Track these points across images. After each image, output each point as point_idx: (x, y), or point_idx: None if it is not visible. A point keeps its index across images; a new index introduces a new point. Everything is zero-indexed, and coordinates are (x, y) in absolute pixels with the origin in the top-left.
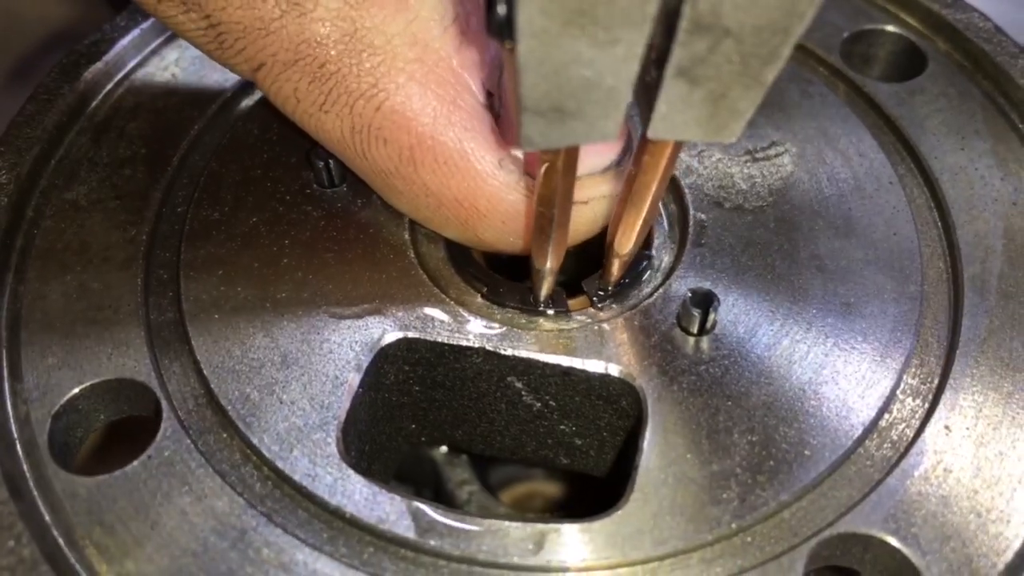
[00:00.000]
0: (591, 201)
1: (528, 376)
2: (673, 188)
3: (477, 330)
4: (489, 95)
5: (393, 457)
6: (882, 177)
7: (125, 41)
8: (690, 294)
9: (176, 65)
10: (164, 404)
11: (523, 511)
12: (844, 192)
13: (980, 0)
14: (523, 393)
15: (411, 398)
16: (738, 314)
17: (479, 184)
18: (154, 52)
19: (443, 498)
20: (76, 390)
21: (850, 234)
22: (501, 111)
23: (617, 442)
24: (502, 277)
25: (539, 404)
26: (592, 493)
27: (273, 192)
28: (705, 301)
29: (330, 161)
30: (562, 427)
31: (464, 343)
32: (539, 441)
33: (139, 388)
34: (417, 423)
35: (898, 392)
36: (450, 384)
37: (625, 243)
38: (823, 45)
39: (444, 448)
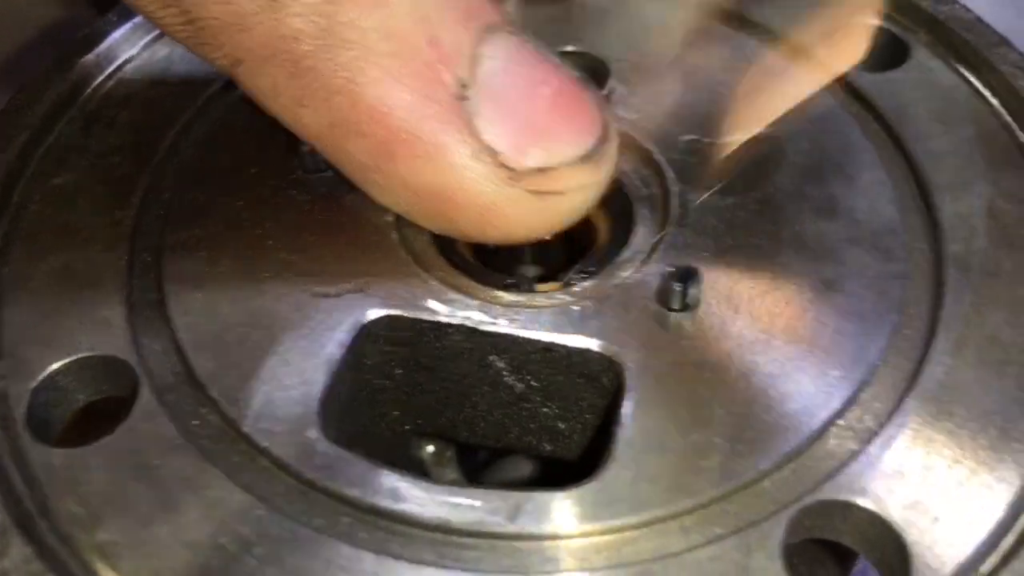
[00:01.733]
0: (568, 192)
1: (509, 354)
2: (654, 169)
3: (459, 308)
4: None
5: (376, 445)
6: (865, 160)
7: (118, 34)
8: (671, 269)
9: (168, 58)
10: (143, 379)
11: None
12: (827, 174)
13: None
14: (504, 373)
15: (393, 382)
16: (719, 292)
17: (455, 176)
18: (146, 46)
19: None
20: (55, 366)
21: (833, 215)
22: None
23: (600, 426)
24: (484, 261)
25: (521, 385)
26: None
27: (259, 178)
28: (686, 276)
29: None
30: (544, 410)
31: (445, 320)
32: (522, 426)
33: (118, 364)
34: (400, 408)
35: (880, 365)
36: (432, 365)
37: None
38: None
39: (431, 448)
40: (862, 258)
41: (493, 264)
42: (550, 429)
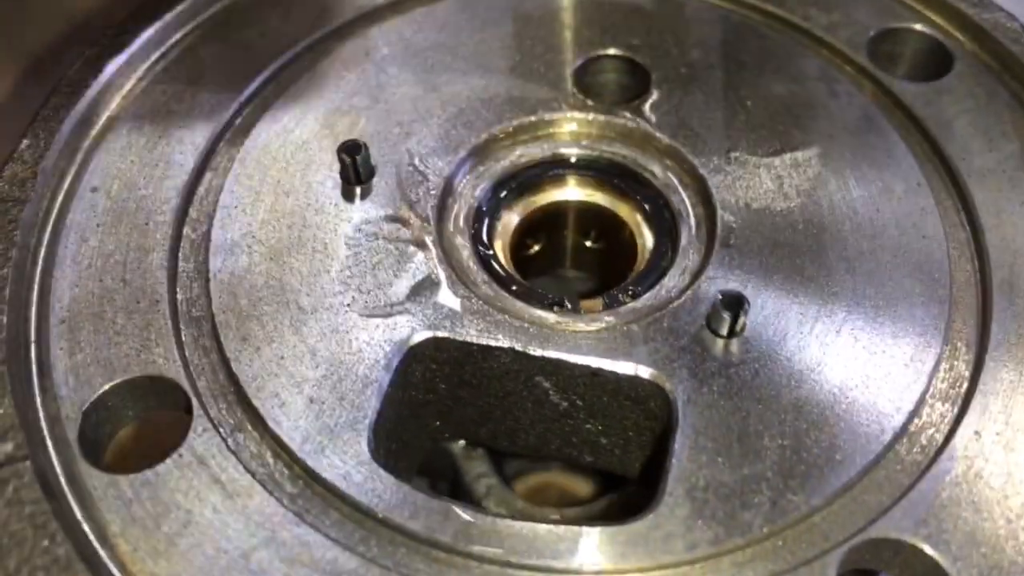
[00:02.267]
0: None
1: (556, 376)
2: (700, 188)
3: (506, 329)
4: None
5: (417, 454)
6: (910, 179)
7: (149, 33)
8: (720, 296)
9: (200, 59)
10: (195, 402)
11: (539, 502)
12: (872, 194)
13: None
14: (550, 392)
15: (437, 395)
16: (767, 316)
17: None
18: (176, 44)
19: (460, 491)
20: (106, 387)
21: (878, 236)
22: None
23: (642, 441)
24: (524, 269)
25: (566, 403)
26: (610, 487)
27: (304, 191)
28: (735, 304)
29: (356, 157)
30: (588, 426)
31: (492, 343)
32: (563, 439)
33: (169, 385)
34: (442, 420)
35: (928, 396)
36: (476, 383)
37: None
38: (850, 44)
39: (461, 442)
40: (908, 282)
41: (533, 269)
42: (592, 443)
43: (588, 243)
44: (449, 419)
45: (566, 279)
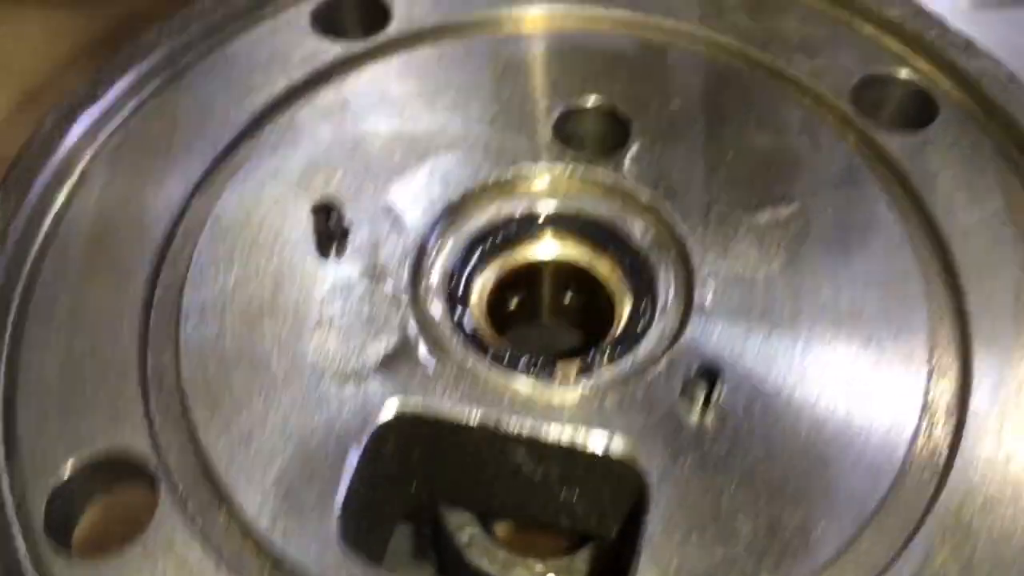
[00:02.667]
0: None
1: (530, 448)
2: (679, 249)
3: (477, 404)
4: None
5: (391, 519)
6: (892, 236)
7: (123, 85)
8: (695, 367)
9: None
10: (162, 480)
11: (523, 546)
12: (853, 254)
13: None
14: (523, 465)
15: (410, 466)
16: (745, 384)
17: None
18: (152, 95)
19: (443, 539)
20: (72, 465)
21: (859, 300)
22: None
23: (618, 511)
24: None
25: (540, 474)
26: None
27: (278, 251)
28: (710, 375)
29: (330, 218)
30: (563, 496)
31: (463, 419)
32: (540, 506)
33: (137, 463)
34: (417, 487)
35: (908, 468)
36: (450, 454)
37: None
38: (834, 90)
39: None
40: (889, 348)
41: (513, 322)
42: (569, 510)
43: (566, 300)
44: (424, 487)
45: (547, 327)
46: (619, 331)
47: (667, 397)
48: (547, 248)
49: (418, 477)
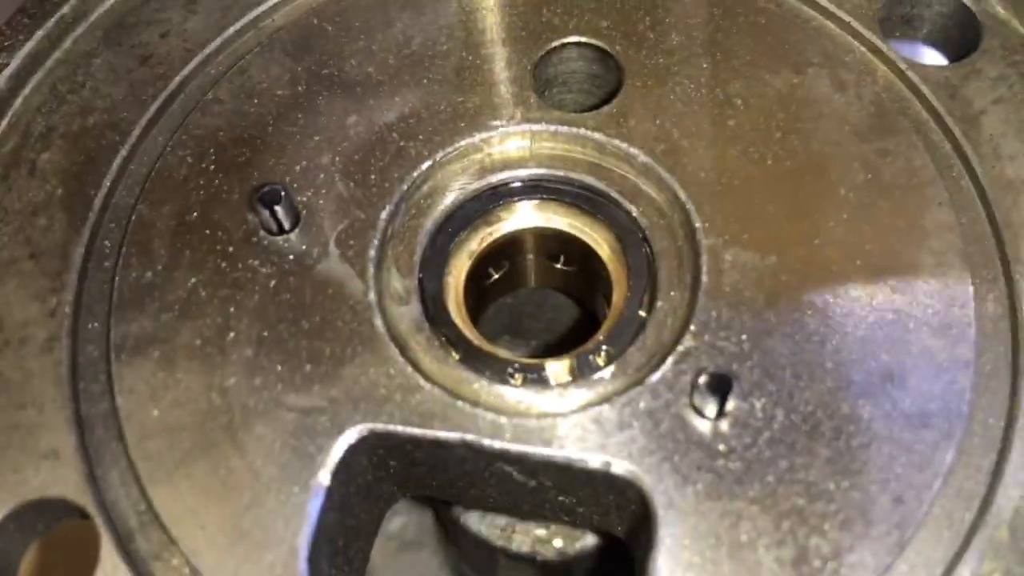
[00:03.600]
0: None
1: (519, 464)
2: (683, 219)
3: (458, 418)
4: None
5: (371, 524)
6: (930, 196)
7: (29, 46)
8: (705, 377)
9: (92, 73)
10: (102, 528)
11: None
12: (887, 220)
13: None
14: (515, 475)
15: (388, 472)
16: (761, 389)
17: None
18: (62, 59)
19: (441, 507)
20: (2, 514)
21: (893, 282)
22: None
23: (624, 513)
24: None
25: (534, 483)
26: None
27: (213, 242)
28: (722, 384)
29: (276, 207)
30: (561, 498)
31: (442, 436)
32: (536, 506)
33: (73, 507)
34: (399, 486)
35: (945, 491)
36: (432, 464)
37: None
38: (858, 14)
39: None
40: (926, 341)
41: (494, 295)
42: (568, 509)
43: (554, 273)
44: (406, 486)
45: (535, 293)
46: (615, 319)
47: (673, 405)
48: (529, 219)
49: (397, 484)
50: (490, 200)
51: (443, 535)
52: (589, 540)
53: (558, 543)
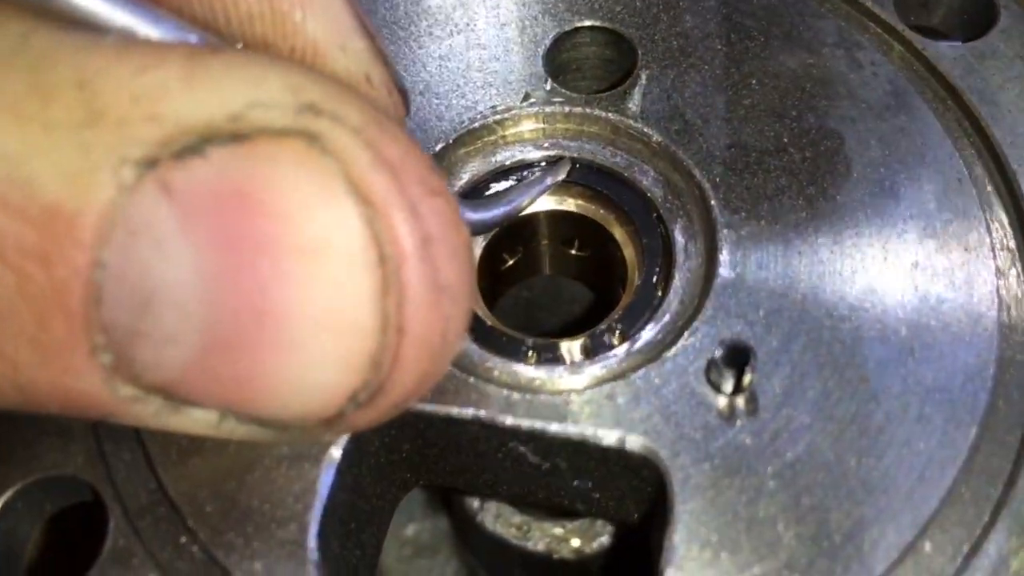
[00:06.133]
0: None
1: (534, 443)
2: (699, 198)
3: (472, 395)
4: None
5: (384, 510)
6: (948, 173)
7: None
8: (720, 350)
9: None
10: (111, 504)
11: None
12: (903, 196)
13: None
14: (528, 455)
15: (400, 455)
16: (779, 364)
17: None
18: None
19: (455, 503)
20: (9, 492)
21: (910, 251)
22: None
23: (639, 496)
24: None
25: (548, 465)
26: None
27: None
28: (739, 359)
29: None
30: (576, 483)
31: (455, 413)
32: (550, 492)
33: (83, 484)
34: (412, 472)
35: (969, 468)
36: (444, 444)
37: None
38: None
39: None
40: (948, 316)
41: (508, 279)
42: (583, 496)
43: (569, 257)
44: (420, 471)
45: (551, 281)
46: (630, 299)
47: (690, 381)
48: (545, 203)
49: (410, 469)
50: (506, 182)
51: (459, 540)
52: (606, 539)
53: (575, 542)
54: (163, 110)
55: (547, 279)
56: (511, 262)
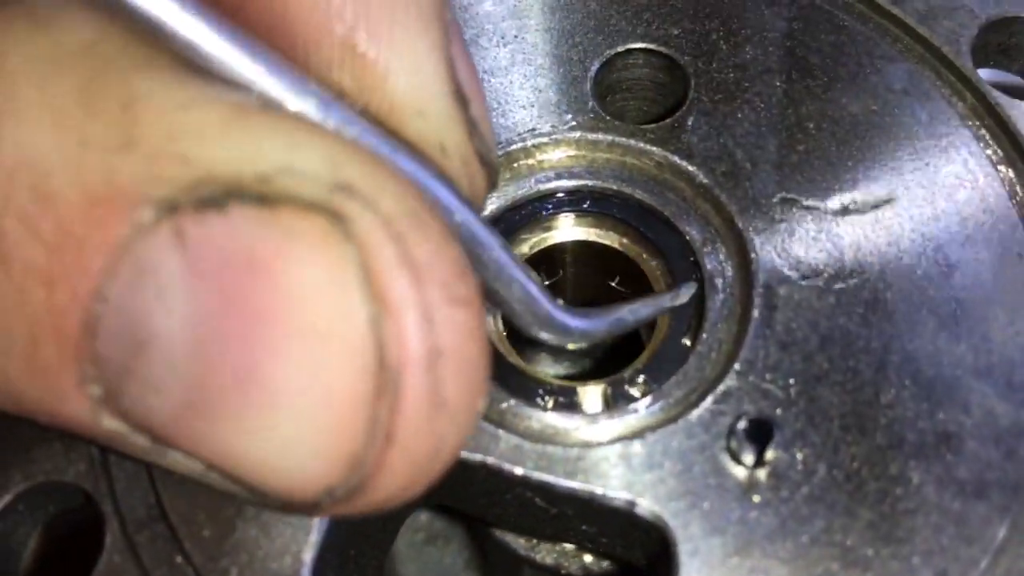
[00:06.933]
0: None
1: (542, 493)
2: (738, 248)
3: (481, 438)
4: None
5: (391, 530)
6: (1011, 246)
7: None
8: (744, 423)
9: None
10: (110, 516)
11: None
12: (961, 268)
13: None
14: (537, 500)
15: None
16: (805, 440)
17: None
18: None
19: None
20: (11, 495)
21: (962, 332)
22: None
23: (649, 547)
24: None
25: (555, 510)
26: None
27: None
28: (762, 433)
29: None
30: (583, 527)
31: (463, 456)
32: (558, 531)
33: (82, 493)
34: (435, 499)
35: (993, 569)
36: (451, 481)
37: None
38: (951, 39)
39: None
40: (990, 403)
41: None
42: (591, 538)
43: (601, 283)
44: (425, 497)
45: None
46: (657, 346)
47: (710, 447)
48: (573, 234)
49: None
50: (536, 209)
51: (470, 536)
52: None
53: (587, 558)
54: (195, 153)
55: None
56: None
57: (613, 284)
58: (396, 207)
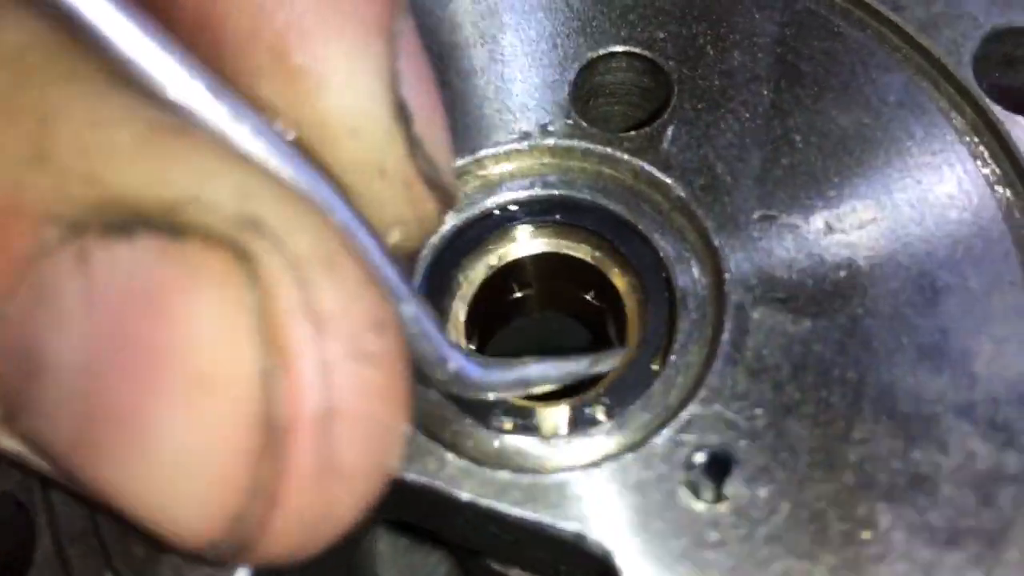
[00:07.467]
0: None
1: (498, 523)
2: (712, 267)
3: (428, 461)
4: None
5: (344, 551)
6: (1003, 273)
7: None
8: (703, 456)
9: None
10: (41, 532)
11: None
12: (947, 295)
13: None
14: (488, 525)
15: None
16: (769, 475)
17: None
18: None
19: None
20: None
21: (944, 364)
22: None
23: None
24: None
25: (508, 536)
26: None
27: None
28: (721, 469)
29: None
30: (540, 555)
31: (408, 479)
32: (512, 555)
33: (17, 503)
34: (383, 515)
35: None
36: (399, 500)
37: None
38: (952, 48)
39: None
40: (970, 443)
41: (500, 320)
42: (544, 564)
43: (571, 296)
44: (382, 511)
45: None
46: (623, 368)
47: (667, 479)
48: (542, 246)
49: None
50: (505, 218)
51: (449, 549)
52: None
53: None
54: (105, 174)
55: (544, 316)
56: (509, 299)
57: (588, 298)
58: (307, 248)
